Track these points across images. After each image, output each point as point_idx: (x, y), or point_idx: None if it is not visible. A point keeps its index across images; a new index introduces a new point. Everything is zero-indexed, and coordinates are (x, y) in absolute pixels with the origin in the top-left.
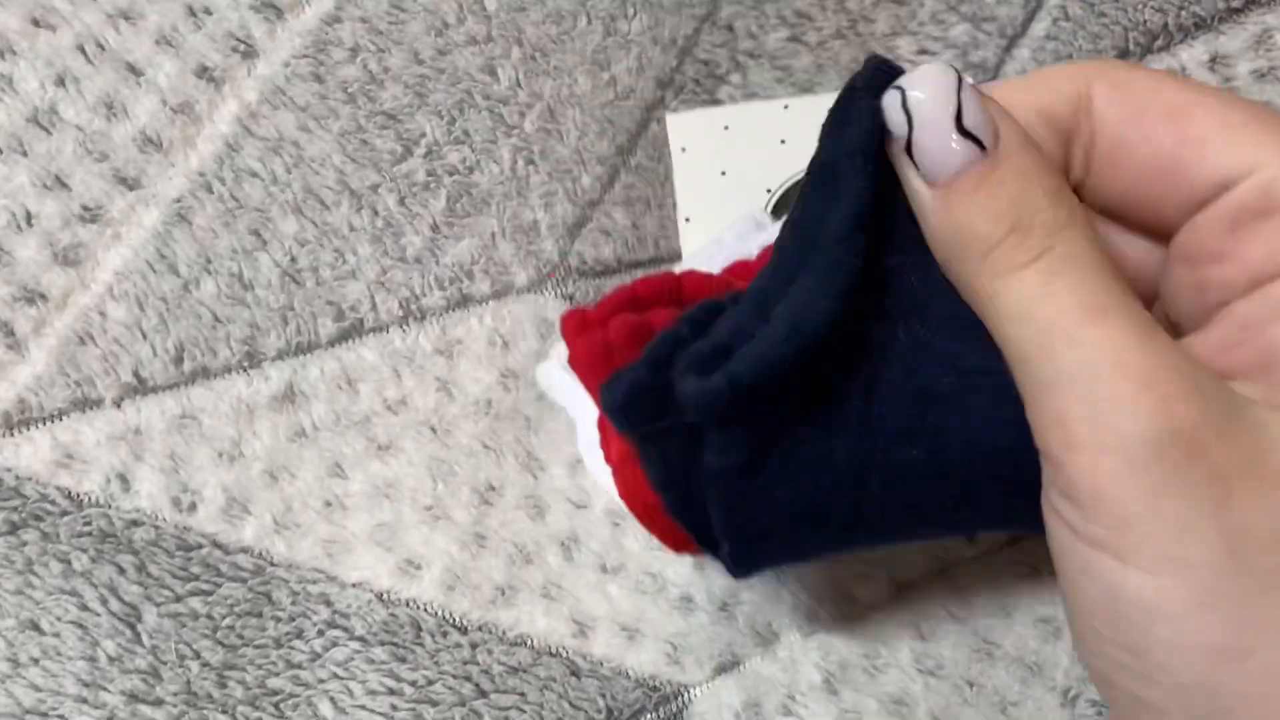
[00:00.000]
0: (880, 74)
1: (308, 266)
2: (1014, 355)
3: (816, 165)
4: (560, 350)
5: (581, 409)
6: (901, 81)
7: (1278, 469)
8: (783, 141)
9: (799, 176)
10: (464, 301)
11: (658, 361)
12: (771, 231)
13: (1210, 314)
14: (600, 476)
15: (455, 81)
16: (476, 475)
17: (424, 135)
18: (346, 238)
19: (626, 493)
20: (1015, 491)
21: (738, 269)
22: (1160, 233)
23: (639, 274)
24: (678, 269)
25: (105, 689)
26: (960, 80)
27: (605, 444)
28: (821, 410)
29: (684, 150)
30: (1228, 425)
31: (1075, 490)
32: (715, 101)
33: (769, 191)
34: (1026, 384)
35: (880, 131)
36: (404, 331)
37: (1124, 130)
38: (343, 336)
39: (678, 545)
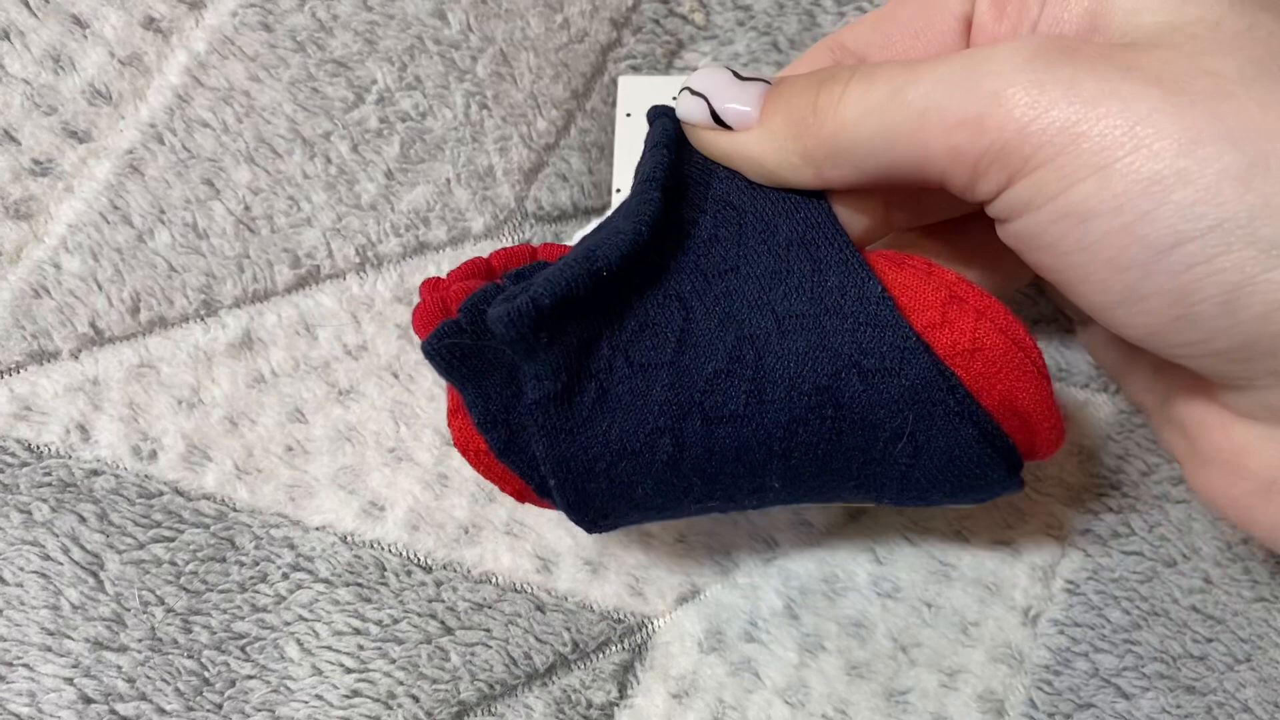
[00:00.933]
0: (659, 111)
1: (262, 215)
2: (888, 154)
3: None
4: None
5: None
6: (684, 85)
7: (1145, 34)
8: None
9: None
10: (421, 248)
11: (474, 308)
12: None
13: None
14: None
15: (405, 27)
16: (438, 418)
17: (375, 82)
18: (300, 186)
19: (460, 440)
20: (837, 436)
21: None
22: None
23: (596, 220)
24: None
25: (69, 637)
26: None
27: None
28: (638, 349)
29: (629, 116)
30: (1082, 34)
31: (1015, 154)
32: (677, 43)
33: None
34: (906, 154)
35: (674, 144)
36: (361, 278)
37: None
38: (300, 284)
39: (518, 494)
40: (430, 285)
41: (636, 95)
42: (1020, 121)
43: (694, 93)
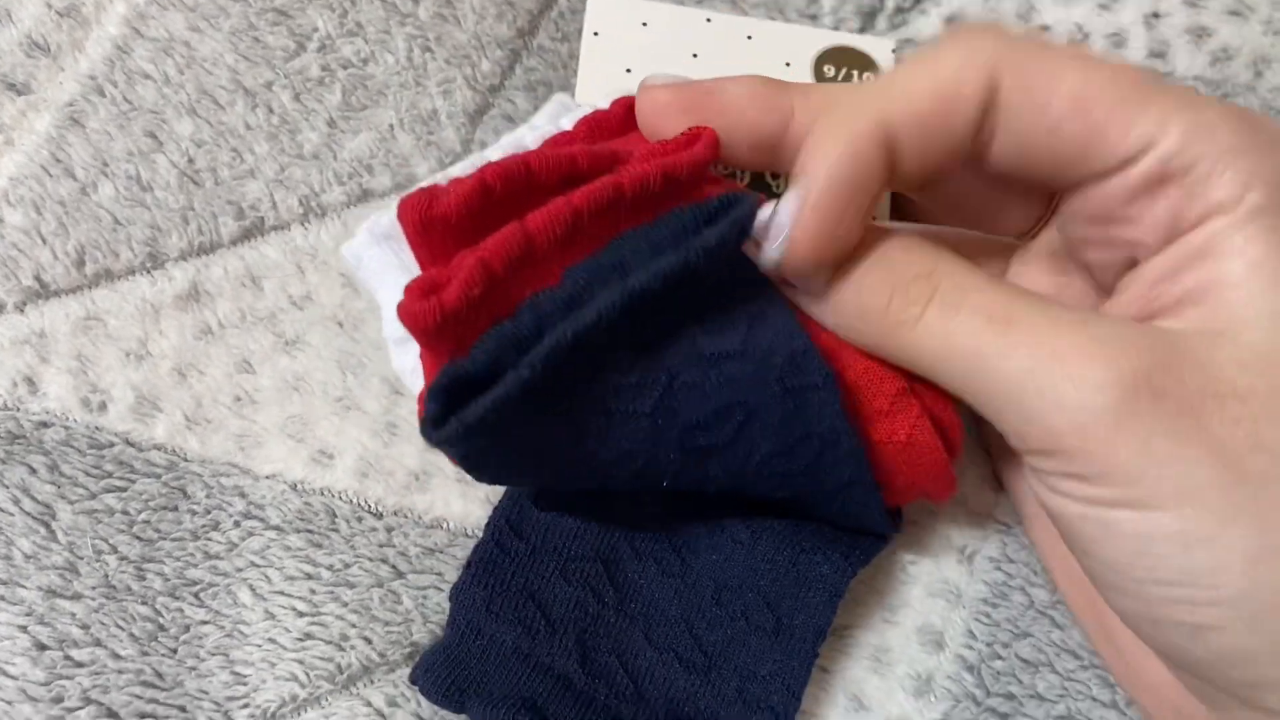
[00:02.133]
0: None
1: (205, 167)
2: (958, 389)
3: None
4: (371, 222)
5: (388, 294)
6: (762, 213)
7: (1227, 384)
8: (695, 55)
9: None
10: (364, 196)
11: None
12: (577, 112)
13: (1118, 265)
14: (405, 372)
15: None
16: (386, 367)
17: (316, 30)
18: (243, 137)
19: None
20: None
21: (558, 139)
22: (1051, 191)
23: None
24: (489, 154)
25: (22, 585)
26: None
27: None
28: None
29: (596, 35)
30: (1172, 361)
31: (1077, 467)
32: None
33: None
34: (982, 406)
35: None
36: (305, 229)
37: (1030, 125)
38: (244, 235)
39: None
40: (421, 212)
41: (603, 14)
42: (1091, 453)
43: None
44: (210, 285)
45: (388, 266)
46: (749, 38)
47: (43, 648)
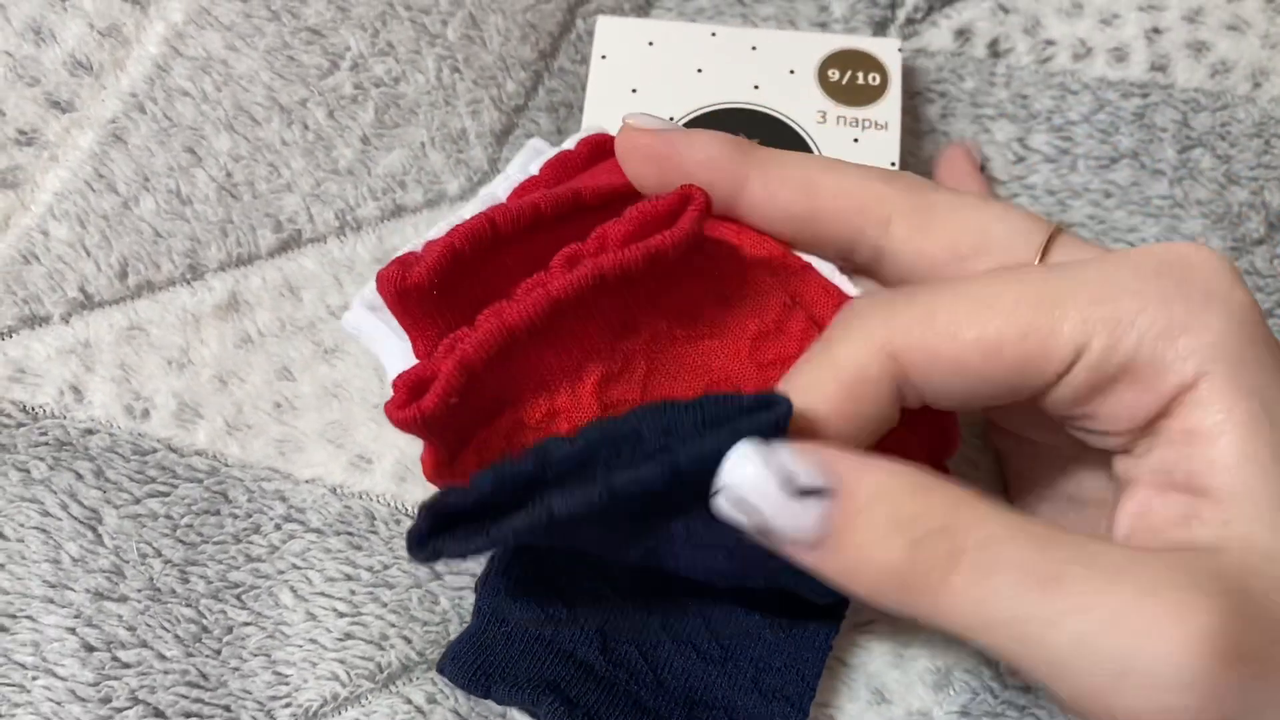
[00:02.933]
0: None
1: (243, 181)
2: (1004, 660)
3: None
4: (361, 294)
5: (389, 360)
6: (719, 482)
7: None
8: (699, 70)
9: (703, 111)
10: (398, 211)
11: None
12: (548, 154)
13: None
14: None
15: None
16: None
17: (349, 49)
18: (279, 152)
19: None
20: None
21: (525, 186)
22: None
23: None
24: (465, 211)
25: (70, 589)
26: (770, 448)
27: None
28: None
29: (604, 58)
30: (1240, 605)
31: None
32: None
33: (672, 120)
34: (1036, 679)
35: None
36: (341, 241)
37: (950, 382)
38: (282, 247)
39: None
40: (396, 283)
41: (611, 37)
42: None
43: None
44: (249, 295)
45: (382, 333)
46: (753, 48)
47: (91, 649)
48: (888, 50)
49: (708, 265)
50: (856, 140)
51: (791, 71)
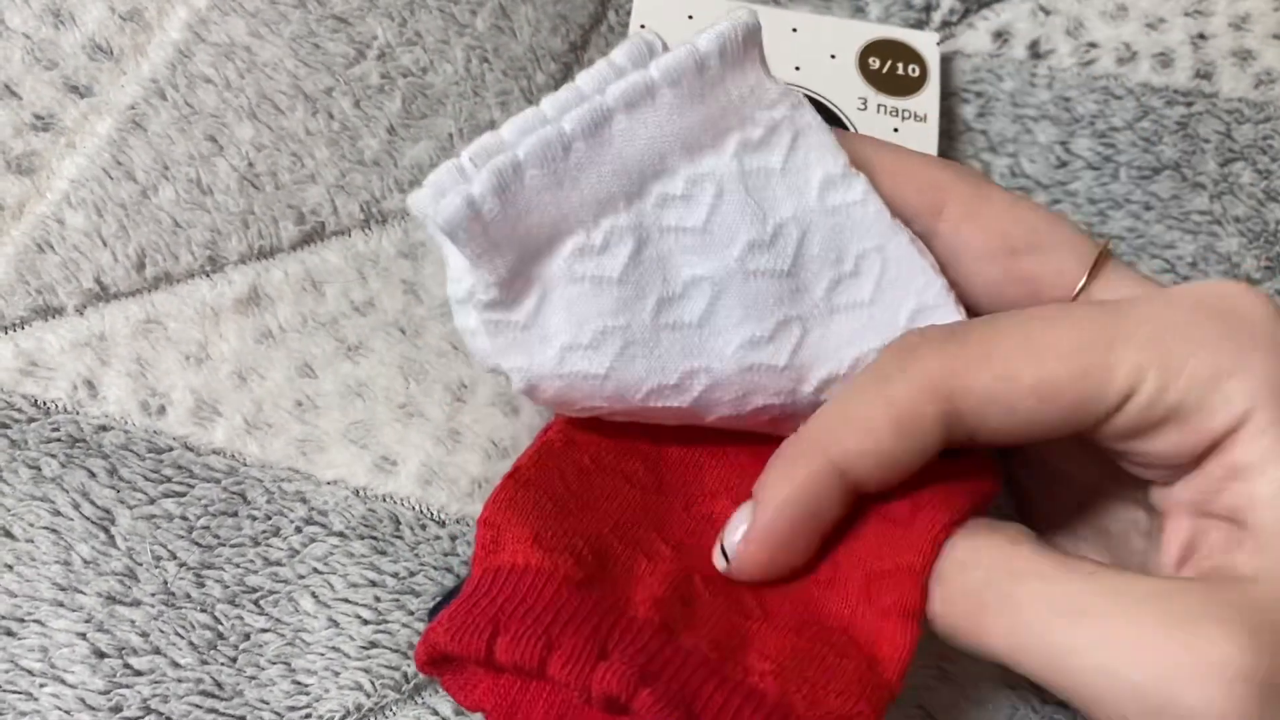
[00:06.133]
0: None
1: (266, 171)
2: (1040, 683)
3: None
4: (434, 177)
5: (453, 254)
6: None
7: None
8: None
9: None
10: None
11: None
12: (663, 59)
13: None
14: (466, 333)
15: None
16: (448, 374)
17: (375, 38)
18: (303, 141)
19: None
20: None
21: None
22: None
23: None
24: (546, 105)
25: (81, 592)
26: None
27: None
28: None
29: (643, 28)
30: (1273, 632)
31: None
32: None
33: None
34: (1070, 703)
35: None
36: (366, 235)
37: (1004, 424)
38: (305, 240)
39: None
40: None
41: (652, 7)
42: None
43: None
44: (271, 289)
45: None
46: (794, 30)
47: (102, 655)
48: (926, 43)
49: None
50: (896, 130)
51: (832, 56)
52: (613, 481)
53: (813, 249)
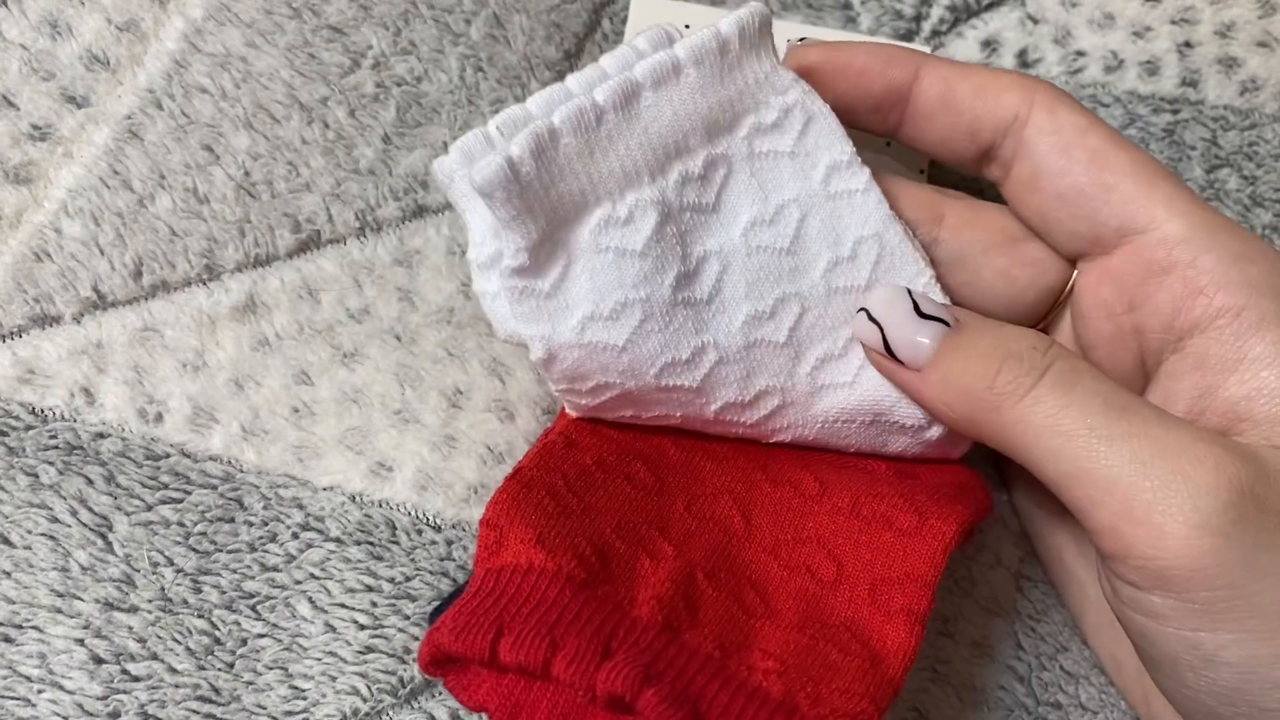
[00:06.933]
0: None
1: (262, 180)
2: (1052, 474)
3: None
4: (463, 142)
5: (476, 218)
6: (862, 307)
7: None
8: None
9: None
10: (420, 212)
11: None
12: (683, 47)
13: (1128, 346)
14: (485, 296)
15: None
16: (444, 380)
17: (370, 47)
18: (299, 151)
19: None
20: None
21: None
22: (1066, 254)
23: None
24: (572, 82)
25: (79, 598)
26: (908, 290)
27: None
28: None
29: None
30: (1262, 473)
31: (1170, 576)
32: None
33: None
34: (1077, 495)
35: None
36: (361, 243)
37: (1047, 159)
38: (301, 248)
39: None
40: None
41: (646, 15)
42: (1196, 559)
43: (871, 318)
44: (267, 297)
45: (473, 198)
46: (787, 41)
47: (100, 661)
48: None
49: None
50: (889, 144)
51: None
52: (614, 482)
53: (812, 229)
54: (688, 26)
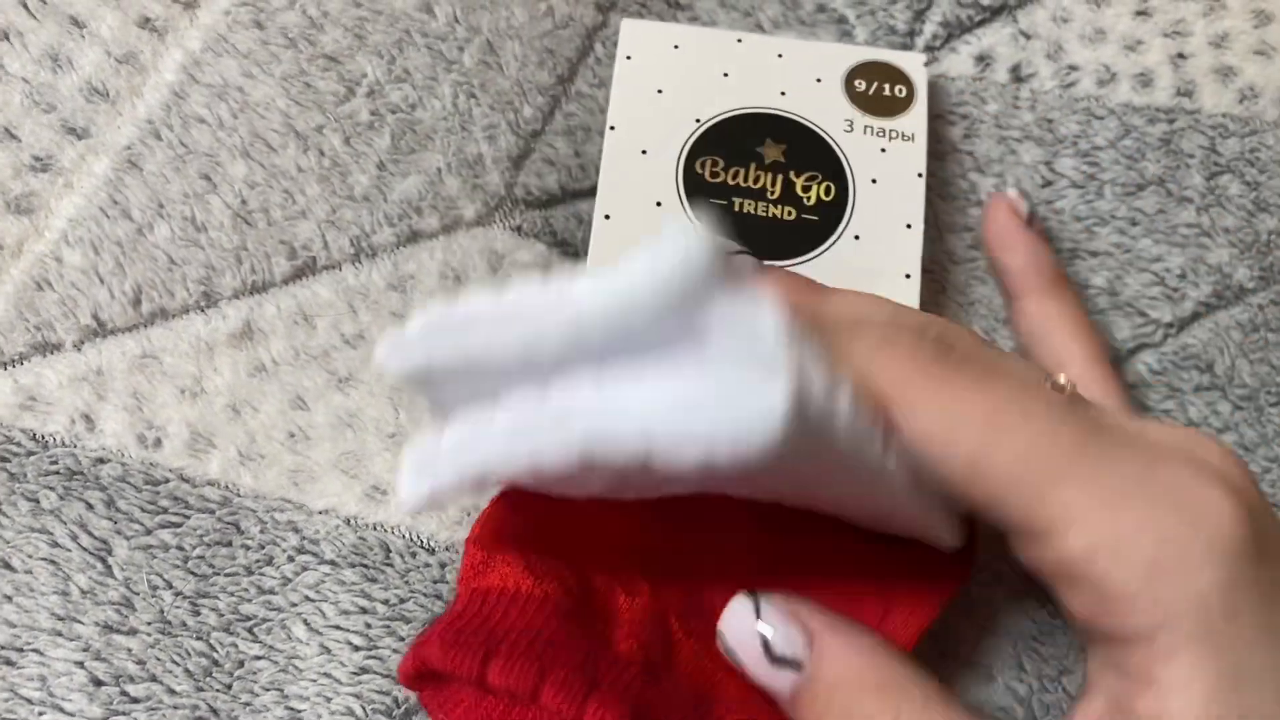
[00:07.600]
0: None
1: (258, 208)
2: None
3: None
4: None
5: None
6: (720, 624)
7: None
8: (725, 74)
9: (730, 114)
10: (414, 237)
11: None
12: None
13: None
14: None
15: (393, 21)
16: None
17: (365, 75)
18: (295, 179)
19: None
20: None
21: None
22: None
23: (583, 205)
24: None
25: (79, 621)
26: (758, 608)
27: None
28: None
29: (629, 58)
30: None
31: None
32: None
33: (698, 121)
34: None
35: None
36: (357, 268)
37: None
38: (297, 275)
39: None
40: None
41: (636, 38)
42: None
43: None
44: (264, 323)
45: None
46: (779, 56)
47: (99, 683)
48: (913, 64)
49: None
50: (884, 150)
51: (818, 80)
52: (596, 508)
53: None
54: (676, 47)
